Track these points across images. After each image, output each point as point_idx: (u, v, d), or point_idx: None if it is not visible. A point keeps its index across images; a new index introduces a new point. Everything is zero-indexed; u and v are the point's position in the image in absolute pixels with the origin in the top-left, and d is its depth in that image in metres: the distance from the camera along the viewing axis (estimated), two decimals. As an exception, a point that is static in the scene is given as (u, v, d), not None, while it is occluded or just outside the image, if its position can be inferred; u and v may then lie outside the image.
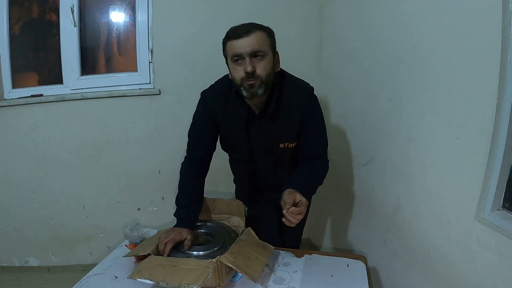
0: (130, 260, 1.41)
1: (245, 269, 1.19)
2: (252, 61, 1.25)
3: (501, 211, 1.09)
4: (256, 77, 1.26)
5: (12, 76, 2.28)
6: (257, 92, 1.29)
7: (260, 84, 1.27)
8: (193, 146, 1.51)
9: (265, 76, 1.27)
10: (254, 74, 1.25)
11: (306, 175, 1.40)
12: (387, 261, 1.64)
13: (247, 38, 1.23)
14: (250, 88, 1.27)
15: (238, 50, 1.25)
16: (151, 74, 2.31)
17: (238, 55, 1.25)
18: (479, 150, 1.06)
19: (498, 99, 0.99)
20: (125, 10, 2.30)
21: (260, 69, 1.26)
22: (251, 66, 1.24)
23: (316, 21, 2.35)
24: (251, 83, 1.27)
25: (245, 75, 1.25)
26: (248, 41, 1.23)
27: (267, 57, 1.27)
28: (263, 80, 1.27)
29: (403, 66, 1.45)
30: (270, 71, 1.30)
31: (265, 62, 1.27)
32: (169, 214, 1.57)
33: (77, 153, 2.34)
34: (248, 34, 1.23)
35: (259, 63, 1.26)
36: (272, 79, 1.33)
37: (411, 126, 1.41)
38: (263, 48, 1.26)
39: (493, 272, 1.02)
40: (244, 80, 1.27)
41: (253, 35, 1.24)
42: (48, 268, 2.51)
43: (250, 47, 1.23)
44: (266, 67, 1.28)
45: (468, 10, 1.08)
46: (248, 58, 1.24)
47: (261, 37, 1.26)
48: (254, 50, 1.24)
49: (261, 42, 1.25)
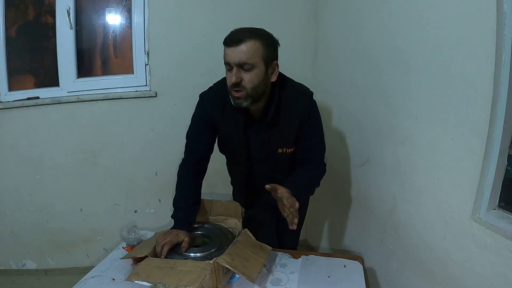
0: (127, 262, 1.40)
1: (243, 270, 1.19)
2: (238, 72, 1.23)
3: (497, 211, 1.09)
4: (242, 87, 1.25)
5: (8, 79, 2.26)
6: (242, 104, 1.28)
7: (245, 96, 1.27)
8: (191, 148, 1.51)
9: (250, 88, 1.25)
10: (240, 84, 1.24)
11: (302, 176, 1.41)
12: (384, 261, 1.65)
13: (236, 48, 1.21)
14: (236, 99, 1.28)
15: (227, 58, 1.24)
16: (148, 77, 2.31)
17: (227, 63, 1.25)
18: (474, 150, 1.07)
19: (493, 99, 1.00)
20: (121, 12, 2.30)
21: (246, 81, 1.24)
22: (235, 77, 1.23)
23: (311, 25, 2.36)
24: (237, 96, 1.26)
25: (232, 84, 1.25)
26: (236, 52, 1.21)
27: (255, 69, 1.24)
28: (248, 93, 1.26)
29: (398, 67, 1.45)
30: (258, 84, 1.27)
31: (253, 74, 1.24)
32: (166, 216, 1.57)
33: (74, 156, 2.34)
34: (238, 43, 1.20)
35: (246, 74, 1.24)
36: (261, 90, 1.30)
37: (406, 127, 1.42)
38: (251, 60, 1.22)
39: (489, 271, 1.03)
40: (231, 88, 1.27)
41: (243, 45, 1.20)
42: (45, 271, 2.49)
43: (237, 58, 1.21)
44: (253, 79, 1.25)
45: (463, 10, 1.08)
46: (235, 68, 1.23)
47: (251, 48, 1.21)
48: (241, 62, 1.22)
49: (250, 53, 1.21)
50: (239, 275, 1.22)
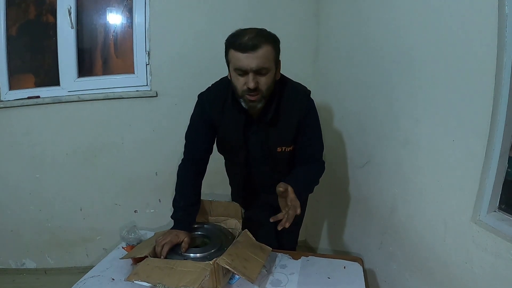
0: (127, 262, 1.40)
1: (243, 271, 1.19)
2: (255, 77, 1.22)
3: (497, 213, 1.09)
4: (258, 91, 1.25)
5: (8, 78, 2.27)
6: (257, 106, 1.30)
7: (260, 99, 1.27)
8: (190, 148, 1.51)
9: (265, 90, 1.27)
10: (257, 88, 1.24)
11: (302, 174, 1.41)
12: (383, 262, 1.64)
13: (254, 54, 1.19)
14: (250, 102, 1.27)
15: (242, 65, 1.21)
16: (148, 76, 2.31)
17: (241, 69, 1.22)
18: (475, 152, 1.07)
19: (494, 101, 0.99)
20: (123, 12, 2.30)
21: (261, 84, 1.25)
22: (254, 83, 1.22)
23: (313, 24, 2.36)
24: (253, 99, 1.26)
25: (247, 89, 1.24)
26: (254, 58, 1.19)
27: (270, 72, 1.25)
28: (263, 95, 1.27)
29: (400, 68, 1.45)
30: (271, 84, 1.29)
31: (268, 76, 1.25)
32: (166, 216, 1.57)
33: (74, 155, 2.34)
34: (255, 49, 1.18)
35: (262, 78, 1.24)
36: (272, 90, 1.32)
37: (407, 128, 1.42)
38: (267, 64, 1.22)
39: (489, 273, 1.02)
40: (245, 93, 1.26)
41: (260, 51, 1.19)
42: (45, 270, 2.50)
43: (255, 64, 1.20)
44: (268, 81, 1.26)
45: (464, 11, 1.08)
46: (252, 74, 1.21)
47: (267, 52, 1.21)
48: (259, 68, 1.21)
49: (267, 58, 1.22)
50: (239, 275, 1.21)
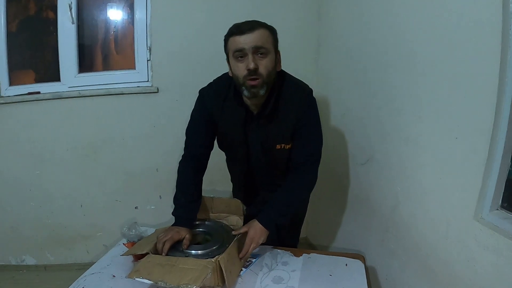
0: (127, 259, 1.40)
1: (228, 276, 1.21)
2: (254, 58, 1.23)
3: (500, 211, 1.09)
4: (258, 75, 1.25)
5: (9, 74, 2.26)
6: (259, 92, 1.28)
7: (262, 84, 1.26)
8: (190, 145, 1.51)
9: (266, 75, 1.26)
10: (257, 71, 1.24)
11: (284, 198, 1.45)
12: (385, 260, 1.64)
13: (251, 34, 1.22)
14: (252, 88, 1.26)
15: (241, 45, 1.23)
16: (149, 72, 2.30)
17: (240, 49, 1.23)
18: (478, 150, 1.07)
19: (498, 99, 0.99)
20: (123, 7, 2.29)
21: (262, 67, 1.25)
22: (254, 63, 1.23)
23: (314, 22, 2.35)
24: (253, 84, 1.25)
25: (247, 73, 1.24)
26: (251, 37, 1.22)
27: (269, 55, 1.26)
28: (264, 80, 1.26)
29: (402, 65, 1.45)
30: (272, 70, 1.29)
31: (268, 60, 1.26)
32: (166, 213, 1.57)
33: (74, 151, 2.33)
34: (252, 30, 1.22)
35: (262, 60, 1.25)
36: (273, 78, 1.32)
37: (409, 126, 1.41)
38: (266, 45, 1.24)
39: (491, 271, 1.02)
40: (246, 78, 1.25)
41: (257, 31, 1.23)
42: (45, 266, 2.50)
43: (253, 42, 1.22)
44: (268, 65, 1.26)
45: (468, 9, 1.08)
46: (251, 54, 1.23)
47: (264, 34, 1.25)
48: (258, 46, 1.23)
49: (264, 39, 1.24)
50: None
